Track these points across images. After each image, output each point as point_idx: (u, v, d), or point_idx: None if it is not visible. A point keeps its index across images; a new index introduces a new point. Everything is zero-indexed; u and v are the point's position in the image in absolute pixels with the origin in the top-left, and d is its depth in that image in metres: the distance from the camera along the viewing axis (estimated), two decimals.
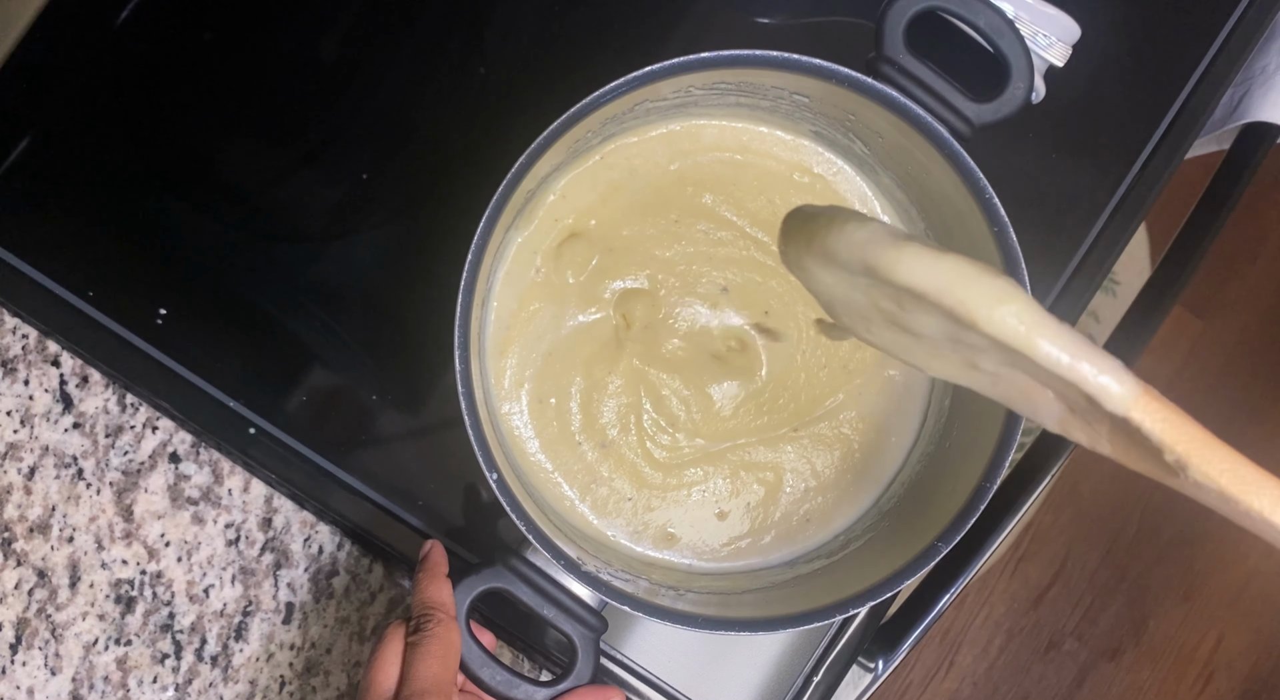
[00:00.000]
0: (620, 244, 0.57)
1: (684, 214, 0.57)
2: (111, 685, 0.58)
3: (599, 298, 0.57)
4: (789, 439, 0.58)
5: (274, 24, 0.63)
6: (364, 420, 0.60)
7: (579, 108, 0.48)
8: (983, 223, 0.51)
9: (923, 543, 0.51)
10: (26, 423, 0.58)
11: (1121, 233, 0.64)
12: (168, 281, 0.60)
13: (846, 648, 0.61)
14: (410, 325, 0.61)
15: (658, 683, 0.61)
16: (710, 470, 0.57)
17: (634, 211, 0.57)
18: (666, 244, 0.57)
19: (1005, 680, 1.39)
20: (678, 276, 0.57)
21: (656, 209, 0.57)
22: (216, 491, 0.59)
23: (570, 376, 0.57)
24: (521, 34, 0.63)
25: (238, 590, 0.59)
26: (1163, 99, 0.65)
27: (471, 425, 0.47)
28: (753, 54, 0.50)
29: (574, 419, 0.57)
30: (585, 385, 0.57)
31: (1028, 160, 0.64)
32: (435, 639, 0.48)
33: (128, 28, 0.61)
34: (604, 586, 0.50)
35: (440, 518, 0.59)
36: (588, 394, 0.57)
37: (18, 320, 0.59)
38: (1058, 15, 0.59)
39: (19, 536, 0.57)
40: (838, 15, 0.64)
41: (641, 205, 0.57)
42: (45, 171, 0.60)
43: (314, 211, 0.62)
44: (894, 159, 0.55)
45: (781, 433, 0.58)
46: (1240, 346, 1.46)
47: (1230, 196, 0.65)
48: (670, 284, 0.57)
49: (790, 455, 0.58)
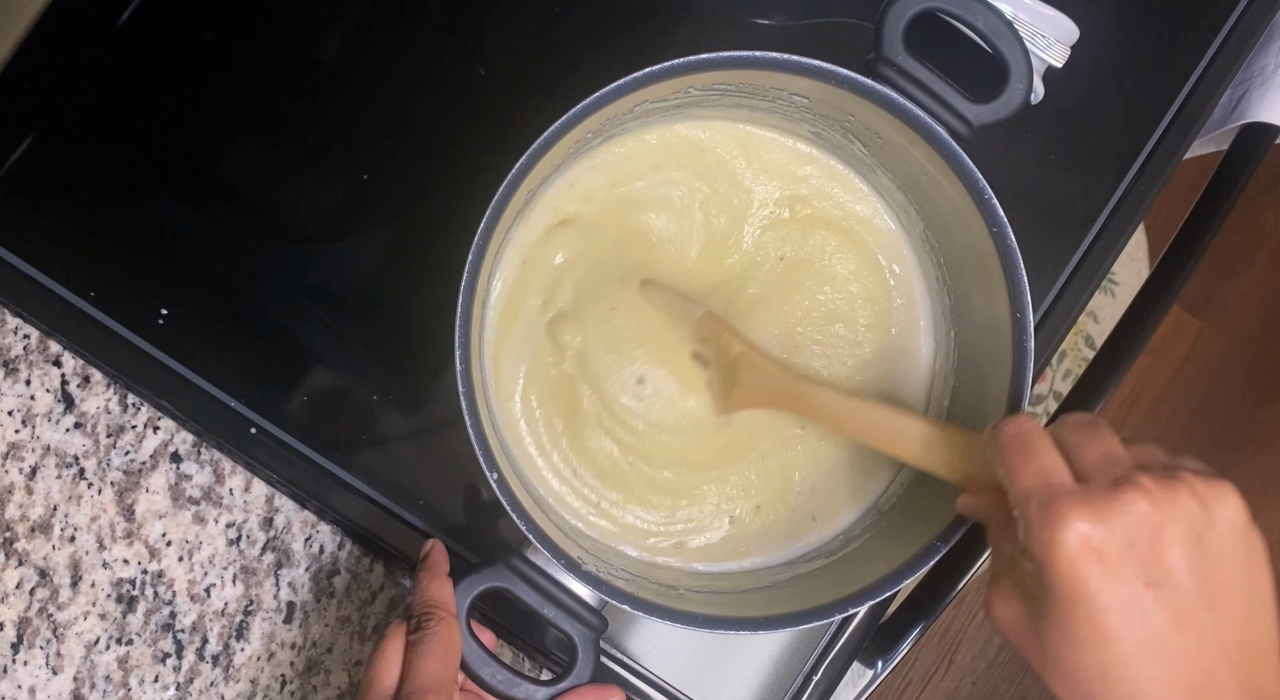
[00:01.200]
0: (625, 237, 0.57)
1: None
2: (113, 684, 0.58)
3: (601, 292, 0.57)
4: (798, 439, 0.58)
5: (275, 24, 0.63)
6: (365, 420, 0.60)
7: (579, 108, 0.48)
8: (981, 223, 0.51)
9: (922, 542, 0.51)
10: (28, 422, 0.58)
11: (1120, 233, 0.64)
12: (169, 282, 0.60)
13: (846, 647, 0.61)
14: (410, 325, 0.61)
15: (658, 682, 0.61)
16: (717, 470, 0.58)
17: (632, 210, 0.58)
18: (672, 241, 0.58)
19: (1004, 679, 1.40)
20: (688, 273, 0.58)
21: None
22: (218, 491, 0.60)
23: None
24: (522, 34, 0.63)
25: (239, 589, 0.59)
26: (1161, 100, 0.65)
27: (472, 425, 0.47)
28: (752, 55, 0.50)
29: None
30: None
31: (1027, 161, 0.64)
32: (436, 638, 0.48)
33: (129, 28, 0.61)
34: (604, 586, 0.50)
35: (441, 517, 0.59)
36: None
37: (19, 320, 0.59)
38: (1056, 16, 0.59)
39: (20, 536, 0.58)
40: (837, 16, 0.64)
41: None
42: (47, 172, 0.60)
43: (314, 211, 0.62)
44: (893, 160, 0.55)
45: (791, 433, 0.58)
46: (1238, 346, 1.46)
47: (1229, 197, 0.65)
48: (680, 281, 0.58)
49: (798, 453, 0.58)
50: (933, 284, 0.58)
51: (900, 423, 0.50)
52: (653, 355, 0.57)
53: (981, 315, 0.54)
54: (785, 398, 0.54)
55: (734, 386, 0.55)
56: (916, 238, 0.58)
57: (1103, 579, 0.38)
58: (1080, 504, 0.39)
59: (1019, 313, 0.51)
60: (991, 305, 0.53)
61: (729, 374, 0.55)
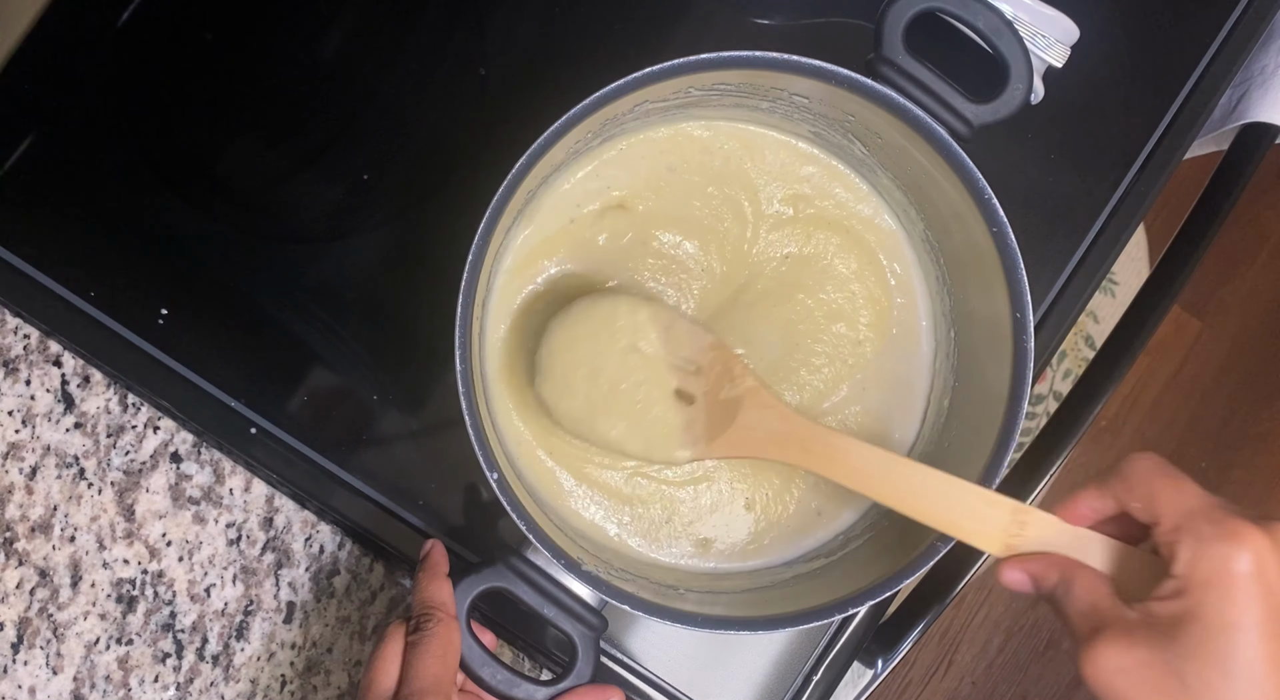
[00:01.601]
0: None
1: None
2: (113, 684, 0.58)
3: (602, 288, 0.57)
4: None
5: (275, 24, 0.63)
6: (365, 420, 0.60)
7: (579, 108, 0.48)
8: (982, 223, 0.51)
9: (922, 542, 0.51)
10: (28, 423, 0.58)
11: (1120, 233, 0.64)
12: (169, 281, 0.60)
13: (846, 646, 0.61)
14: (410, 325, 0.61)
15: (658, 682, 0.61)
16: (718, 466, 0.57)
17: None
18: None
19: (1004, 679, 1.40)
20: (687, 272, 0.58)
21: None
22: (218, 491, 0.60)
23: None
24: (522, 34, 0.63)
25: (239, 589, 0.59)
26: (1161, 100, 0.65)
27: (472, 425, 0.47)
28: (752, 55, 0.50)
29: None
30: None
31: (1027, 161, 0.64)
32: (435, 638, 0.48)
33: (129, 28, 0.61)
34: (604, 586, 0.50)
35: (441, 517, 0.59)
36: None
37: (19, 320, 0.59)
38: (1056, 16, 0.59)
39: (21, 536, 0.58)
40: (837, 16, 0.64)
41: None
42: (47, 171, 0.60)
43: (315, 211, 0.62)
44: (893, 160, 0.55)
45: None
46: (1238, 347, 1.46)
47: (1229, 197, 0.65)
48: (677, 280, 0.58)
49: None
50: (933, 284, 0.58)
51: (948, 488, 0.46)
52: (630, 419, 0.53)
53: (981, 315, 0.54)
54: (794, 447, 0.49)
55: (726, 429, 0.51)
56: (917, 238, 0.58)
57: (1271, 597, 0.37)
58: (1251, 524, 0.38)
59: (1019, 313, 0.51)
60: (991, 305, 0.53)
61: (721, 414, 0.51)
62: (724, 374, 0.51)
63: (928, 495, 0.47)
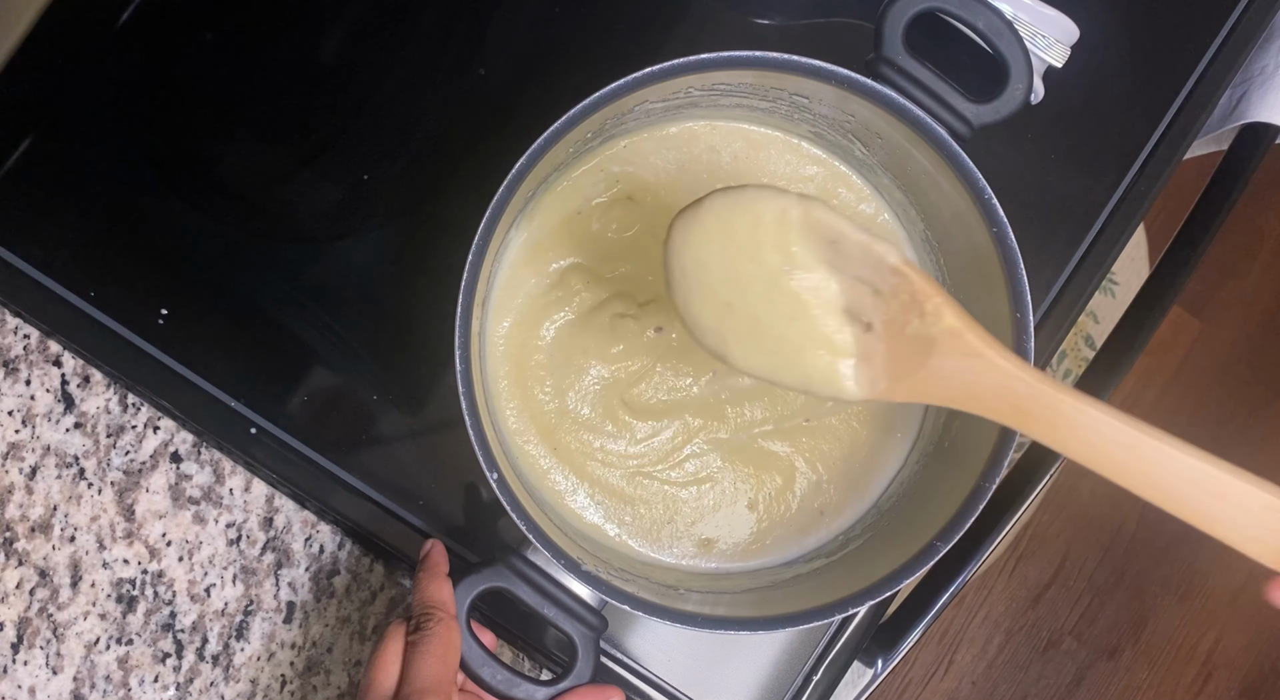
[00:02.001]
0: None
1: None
2: (113, 684, 0.58)
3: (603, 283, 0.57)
4: (803, 430, 0.58)
5: (275, 25, 0.63)
6: (364, 420, 0.60)
7: (579, 109, 0.48)
8: (982, 223, 0.51)
9: (922, 542, 0.51)
10: (28, 423, 0.58)
11: (1120, 233, 0.64)
12: (169, 281, 0.60)
13: (846, 646, 0.61)
14: (410, 325, 0.61)
15: (658, 682, 0.61)
16: (722, 465, 0.58)
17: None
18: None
19: (1004, 679, 1.40)
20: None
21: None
22: (218, 491, 0.60)
23: (571, 373, 0.57)
24: (522, 34, 0.63)
25: (239, 589, 0.59)
26: (1161, 100, 0.65)
27: (472, 425, 0.47)
28: (752, 55, 0.50)
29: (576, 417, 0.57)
30: (586, 382, 0.57)
31: (1027, 161, 0.64)
32: (435, 638, 0.48)
33: (129, 28, 0.61)
34: (604, 586, 0.50)
35: (441, 517, 0.59)
36: (589, 391, 0.57)
37: (19, 320, 0.59)
38: (1056, 16, 0.59)
39: (20, 536, 0.58)
40: (836, 16, 0.64)
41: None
42: (47, 171, 0.60)
43: (315, 211, 0.62)
44: (893, 160, 0.55)
45: (796, 423, 0.58)
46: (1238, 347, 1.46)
47: (1229, 197, 0.65)
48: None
49: (805, 446, 0.58)
50: None
51: (1217, 484, 0.38)
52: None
53: (981, 315, 0.54)
54: (1005, 406, 0.40)
55: (915, 372, 0.42)
56: (917, 238, 0.58)
57: None
58: None
59: (1019, 313, 0.51)
60: (991, 305, 0.53)
61: (907, 352, 0.42)
62: (911, 305, 0.42)
63: (1186, 486, 0.39)
